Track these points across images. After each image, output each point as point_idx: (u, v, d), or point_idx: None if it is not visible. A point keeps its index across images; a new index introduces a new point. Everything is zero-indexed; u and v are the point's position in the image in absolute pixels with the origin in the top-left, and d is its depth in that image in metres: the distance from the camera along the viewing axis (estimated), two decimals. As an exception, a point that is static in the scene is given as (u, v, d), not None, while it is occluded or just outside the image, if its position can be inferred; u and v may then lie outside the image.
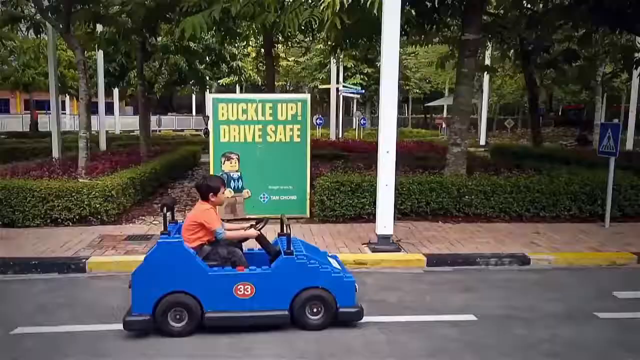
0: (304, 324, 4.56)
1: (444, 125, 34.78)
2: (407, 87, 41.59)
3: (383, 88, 6.57)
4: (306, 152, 8.55)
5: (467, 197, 8.63)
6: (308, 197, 8.68)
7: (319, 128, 27.92)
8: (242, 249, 4.93)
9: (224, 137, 8.38)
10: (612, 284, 5.88)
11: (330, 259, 5.07)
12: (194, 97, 42.37)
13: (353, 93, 30.85)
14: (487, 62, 22.30)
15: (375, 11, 6.51)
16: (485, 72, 21.31)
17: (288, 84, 45.58)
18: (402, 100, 49.38)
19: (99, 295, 5.49)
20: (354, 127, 32.05)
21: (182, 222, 4.92)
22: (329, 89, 28.07)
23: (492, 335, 4.52)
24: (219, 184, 4.87)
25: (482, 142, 26.96)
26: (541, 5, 12.31)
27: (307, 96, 8.85)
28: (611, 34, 13.41)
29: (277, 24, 7.70)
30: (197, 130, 35.94)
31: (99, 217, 8.09)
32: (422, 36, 12.69)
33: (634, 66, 13.88)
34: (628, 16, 10.43)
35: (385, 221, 6.76)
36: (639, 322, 4.86)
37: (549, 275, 6.34)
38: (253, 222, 5.14)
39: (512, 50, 15.90)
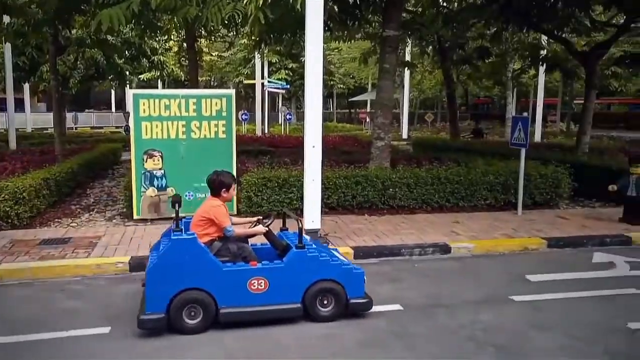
0: (315, 316, 4.61)
1: (368, 120, 35.51)
2: (332, 82, 42.06)
3: (308, 83, 6.58)
4: (232, 149, 8.42)
5: (391, 189, 8.86)
6: (235, 193, 8.57)
7: (244, 124, 27.63)
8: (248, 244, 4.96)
9: (146, 134, 8.07)
10: (525, 269, 6.27)
11: (334, 252, 5.10)
12: (113, 93, 40.50)
13: (278, 88, 30.79)
14: (408, 58, 23.00)
15: (298, 6, 6.52)
16: (406, 68, 21.96)
17: (212, 80, 44.72)
18: (327, 95, 49.88)
19: (12, 305, 5.14)
20: (280, 122, 32.01)
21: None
22: (254, 84, 27.84)
23: (418, 323, 4.67)
24: (230, 179, 4.88)
25: (405, 135, 27.83)
26: (456, 4, 12.87)
27: (232, 91, 8.70)
28: (519, 32, 14.27)
29: (199, 18, 7.51)
30: (117, 127, 34.43)
31: (10, 221, 7.56)
32: (345, 32, 12.88)
33: (540, 63, 14.91)
34: (534, 16, 11.16)
35: (312, 216, 6.80)
36: (549, 303, 5.20)
37: (469, 262, 6.66)
38: (260, 217, 5.17)
39: (430, 47, 16.50)
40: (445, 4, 13.36)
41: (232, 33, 19.07)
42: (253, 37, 12.51)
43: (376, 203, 8.88)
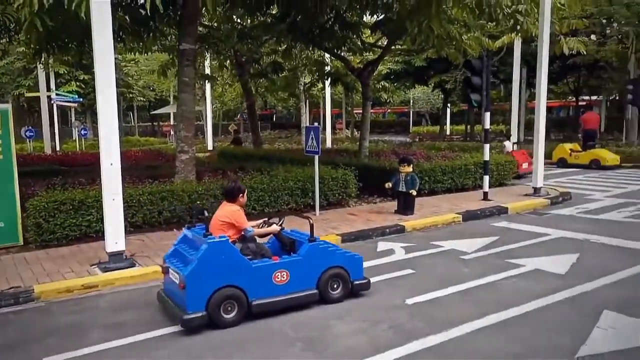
0: (327, 298, 5.33)
1: (172, 133, 34.65)
2: (131, 95, 40.02)
3: (100, 96, 6.31)
4: (12, 171, 7.60)
5: (198, 202, 8.91)
6: (20, 221, 7.75)
7: (30, 141, 24.74)
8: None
9: None
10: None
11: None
12: None
13: (69, 101, 28.21)
14: (208, 71, 23.17)
15: (82, 14, 6.20)
16: (207, 81, 22.11)
17: (-17, 93, 38.93)
18: (127, 108, 47.30)
19: None
20: (75, 138, 29.37)
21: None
22: (39, 97, 25.08)
23: (230, 334, 4.87)
24: (243, 186, 5.58)
25: (210, 147, 27.90)
26: (249, 21, 13.48)
27: (7, 106, 7.76)
28: (306, 49, 15.54)
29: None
30: None
31: None
32: (141, 43, 12.55)
33: (325, 77, 16.46)
34: (317, 36, 12.34)
35: (115, 237, 6.55)
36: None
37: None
38: (266, 219, 5.78)
39: (228, 61, 16.93)
40: (239, 21, 13.88)
41: (4, 40, 17.03)
42: (31, 46, 11.45)
43: (184, 217, 8.84)
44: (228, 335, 4.72)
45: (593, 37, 24.18)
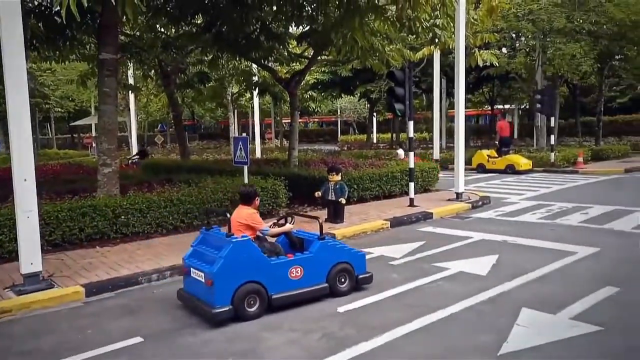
0: (336, 292, 5.82)
1: (93, 145, 33.11)
2: (48, 106, 37.84)
3: (11, 106, 5.94)
4: None
5: (123, 217, 8.62)
6: None
7: None
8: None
9: None
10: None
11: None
12: None
13: (-25, 113, 26.23)
14: (131, 81, 22.43)
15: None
16: (130, 91, 21.38)
17: None
18: (43, 120, 44.75)
19: None
20: (-17, 152, 27.36)
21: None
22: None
23: (160, 353, 4.66)
24: (258, 190, 6.20)
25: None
26: (173, 30, 13.21)
27: None
28: (233, 59, 15.45)
29: None
30: None
31: None
32: (57, 52, 11.97)
33: (253, 87, 16.41)
34: (243, 46, 12.30)
35: (31, 257, 6.15)
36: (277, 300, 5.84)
37: (206, 278, 6.97)
38: (276, 220, 6.25)
39: (152, 71, 16.49)
40: (163, 30, 13.57)
41: None
42: None
43: (108, 233, 8.53)
44: (164, 349, 4.58)
45: (504, 50, 25.75)
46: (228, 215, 5.53)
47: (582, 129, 32.14)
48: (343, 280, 5.91)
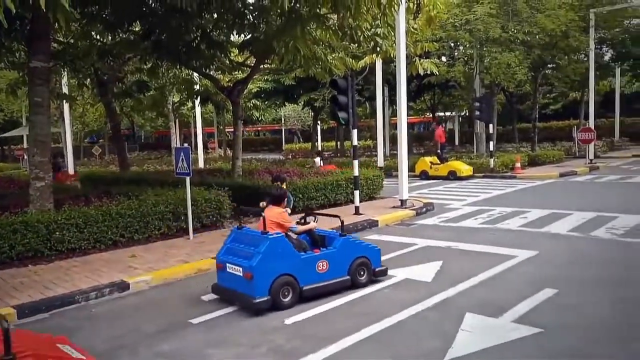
0: (356, 283, 6.37)
1: (25, 157, 31.48)
2: (-26, 117, 35.76)
3: None
4: None
5: (58, 233, 8.22)
6: None
7: None
8: None
9: None
10: (200, 290, 6.69)
11: None
12: None
13: None
14: (65, 90, 21.51)
15: None
16: (64, 101, 20.48)
17: None
18: (-31, 131, 42.14)
19: None
20: None
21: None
22: None
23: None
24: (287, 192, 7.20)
25: (71, 171, 25.80)
26: (110, 38, 12.76)
27: None
28: (174, 68, 15.09)
29: None
30: None
31: None
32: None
33: (195, 96, 16.09)
34: (183, 55, 12.03)
35: (-45, 279, 5.75)
36: (219, 319, 5.70)
37: (149, 295, 6.73)
38: (299, 219, 6.77)
39: (88, 79, 15.85)
40: (99, 37, 13.07)
41: None
42: None
43: (41, 250, 8.09)
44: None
45: (444, 58, 26.53)
46: (263, 214, 6.08)
47: (519, 135, 33.55)
48: (362, 273, 6.46)
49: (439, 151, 20.79)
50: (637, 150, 29.10)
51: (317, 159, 18.66)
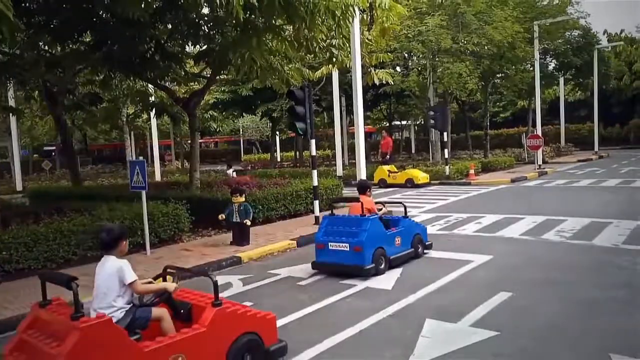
0: (417, 254, 8.20)
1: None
2: None
3: None
4: None
5: (4, 252, 7.86)
6: None
7: None
8: None
9: None
10: (158, 306, 6.50)
11: None
12: None
13: None
14: (11, 103, 20.73)
15: None
16: (11, 114, 19.72)
17: None
18: None
19: None
20: None
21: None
22: None
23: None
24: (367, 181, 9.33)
25: (20, 187, 24.83)
26: (59, 49, 12.38)
27: None
28: (127, 79, 14.76)
29: None
30: None
31: None
32: None
33: (150, 108, 15.77)
34: (137, 66, 11.79)
35: None
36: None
37: (102, 313, 6.48)
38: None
39: (37, 92, 15.32)
40: (47, 48, 12.66)
41: None
42: None
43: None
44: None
45: (398, 69, 27.06)
46: (359, 200, 7.69)
47: (472, 143, 34.50)
48: (419, 246, 8.24)
49: (387, 158, 21.40)
50: (582, 156, 30.50)
51: (230, 171, 18.70)
